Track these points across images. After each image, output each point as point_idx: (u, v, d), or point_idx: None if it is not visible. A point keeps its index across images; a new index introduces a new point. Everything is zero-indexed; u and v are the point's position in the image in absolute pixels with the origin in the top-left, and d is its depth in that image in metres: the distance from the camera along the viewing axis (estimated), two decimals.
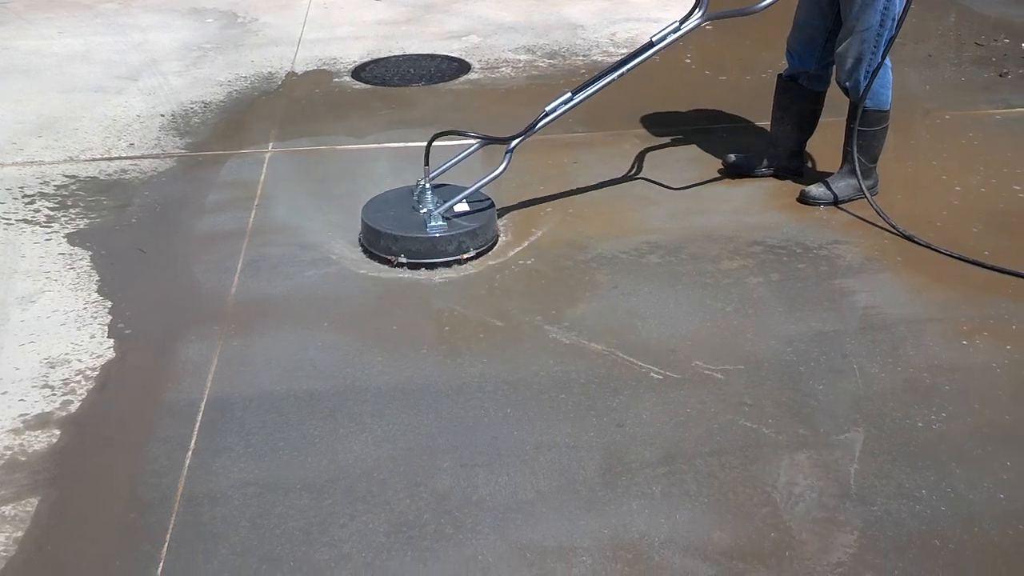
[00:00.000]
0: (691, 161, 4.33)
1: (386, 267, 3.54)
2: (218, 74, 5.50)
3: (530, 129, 3.68)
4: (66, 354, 3.08)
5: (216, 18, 6.54)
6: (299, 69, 5.60)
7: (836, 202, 3.91)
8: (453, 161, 3.77)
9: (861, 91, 3.75)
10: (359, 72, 5.54)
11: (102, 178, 4.26)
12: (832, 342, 3.09)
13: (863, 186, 3.81)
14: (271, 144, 4.60)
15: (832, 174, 3.98)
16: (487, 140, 3.75)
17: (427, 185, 3.64)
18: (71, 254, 3.65)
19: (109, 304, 3.34)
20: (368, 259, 3.58)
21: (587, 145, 4.47)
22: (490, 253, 3.61)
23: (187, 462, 2.64)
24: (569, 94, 3.70)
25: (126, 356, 3.08)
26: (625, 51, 5.73)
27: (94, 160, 4.44)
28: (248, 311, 3.30)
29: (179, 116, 4.92)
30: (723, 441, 2.68)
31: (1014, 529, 2.38)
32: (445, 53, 5.82)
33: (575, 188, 4.09)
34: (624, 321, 3.22)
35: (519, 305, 3.32)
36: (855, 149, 3.82)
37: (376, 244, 3.58)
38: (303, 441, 2.70)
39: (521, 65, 5.60)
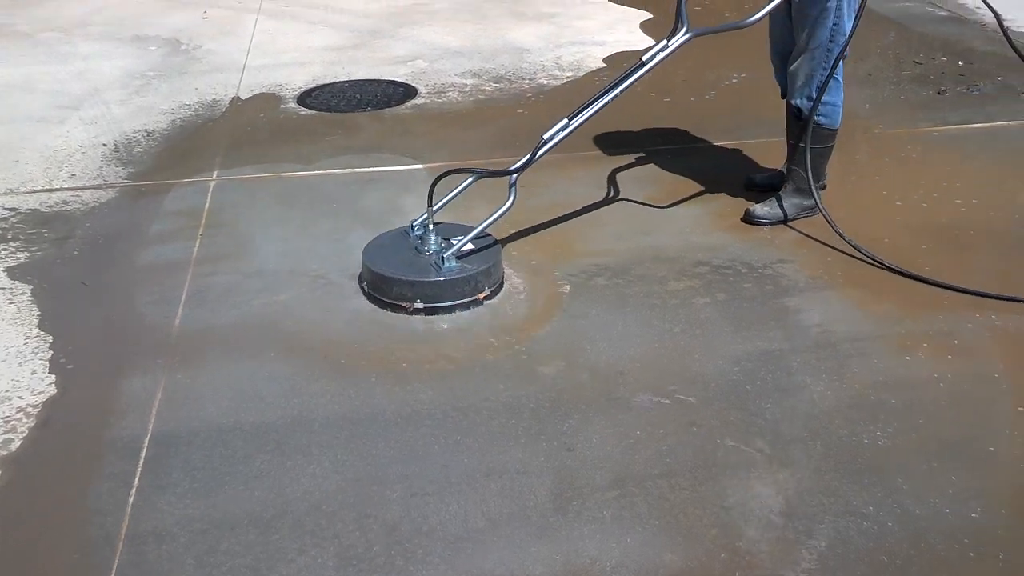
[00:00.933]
0: (637, 182, 4.35)
1: (332, 288, 3.53)
2: (161, 102, 5.45)
3: (531, 159, 3.60)
4: (6, 391, 3.02)
5: (159, 46, 6.49)
6: (244, 96, 5.57)
7: (782, 221, 3.95)
8: (449, 197, 3.66)
9: (812, 107, 3.79)
10: (305, 98, 5.52)
11: (43, 210, 4.20)
12: (779, 361, 3.11)
13: (818, 199, 3.85)
14: (216, 172, 4.56)
15: (776, 193, 4.02)
16: (487, 174, 3.67)
17: (430, 225, 3.53)
18: (11, 288, 3.59)
19: (51, 339, 3.28)
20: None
21: (534, 168, 4.45)
22: None
23: (131, 499, 2.59)
24: (565, 120, 3.61)
25: (68, 392, 3.03)
26: (571, 75, 5.78)
27: (35, 192, 4.37)
28: (193, 343, 3.26)
29: (122, 145, 4.87)
30: (672, 463, 2.69)
31: (960, 543, 2.41)
32: (391, 78, 5.82)
33: (522, 210, 4.09)
34: (573, 344, 3.22)
35: (468, 330, 3.31)
36: (808, 167, 3.84)
37: (388, 292, 3.42)
38: (250, 475, 2.67)
39: (468, 89, 5.61)
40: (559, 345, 3.21)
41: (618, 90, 3.62)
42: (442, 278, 3.40)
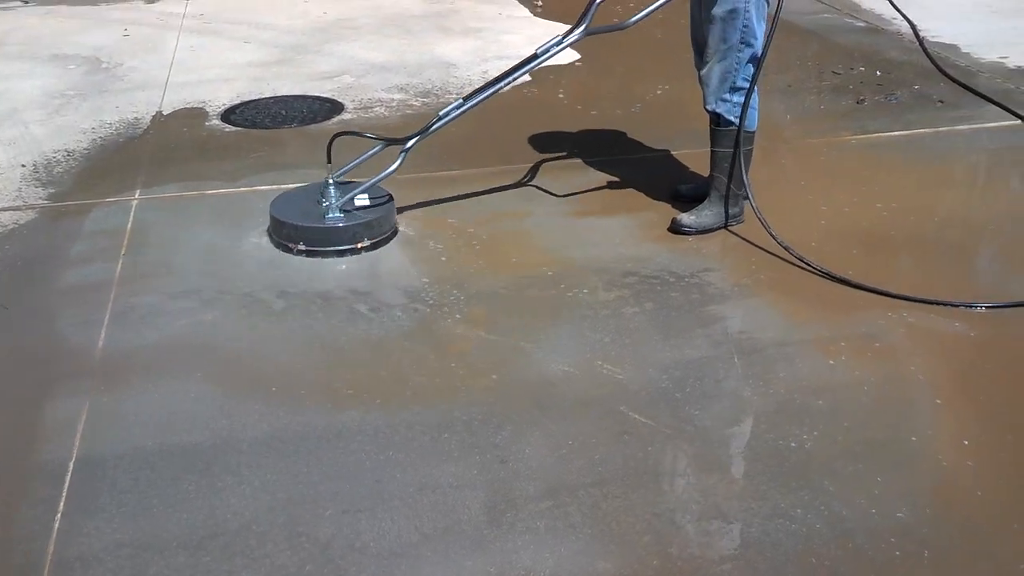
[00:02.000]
0: (566, 195, 4.38)
1: (260, 306, 3.50)
2: (82, 121, 5.35)
3: (425, 131, 3.98)
4: None
5: (79, 64, 6.37)
6: (167, 113, 5.49)
7: (707, 230, 4.00)
8: (356, 161, 4.03)
9: (731, 112, 3.83)
10: (229, 115, 5.46)
11: None
12: (706, 368, 3.15)
13: (751, 199, 3.91)
14: (138, 191, 4.48)
15: (702, 203, 4.07)
16: (387, 142, 4.06)
17: (331, 181, 3.90)
18: None
19: None
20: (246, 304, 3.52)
21: (462, 181, 4.49)
22: (365, 295, 3.58)
23: (57, 525, 2.54)
24: (461, 100, 4.01)
25: None
26: None
27: None
28: (117, 365, 3.20)
29: (41, 166, 4.77)
30: (604, 471, 2.70)
31: (886, 543, 2.45)
32: (317, 94, 5.78)
33: (450, 225, 4.10)
34: (505, 356, 3.22)
35: (399, 344, 3.30)
36: (742, 170, 3.89)
37: (279, 232, 3.91)
38: (178, 497, 2.62)
39: (395, 104, 5.60)
40: (491, 357, 3.22)
41: (511, 78, 4.03)
42: (323, 225, 3.84)
